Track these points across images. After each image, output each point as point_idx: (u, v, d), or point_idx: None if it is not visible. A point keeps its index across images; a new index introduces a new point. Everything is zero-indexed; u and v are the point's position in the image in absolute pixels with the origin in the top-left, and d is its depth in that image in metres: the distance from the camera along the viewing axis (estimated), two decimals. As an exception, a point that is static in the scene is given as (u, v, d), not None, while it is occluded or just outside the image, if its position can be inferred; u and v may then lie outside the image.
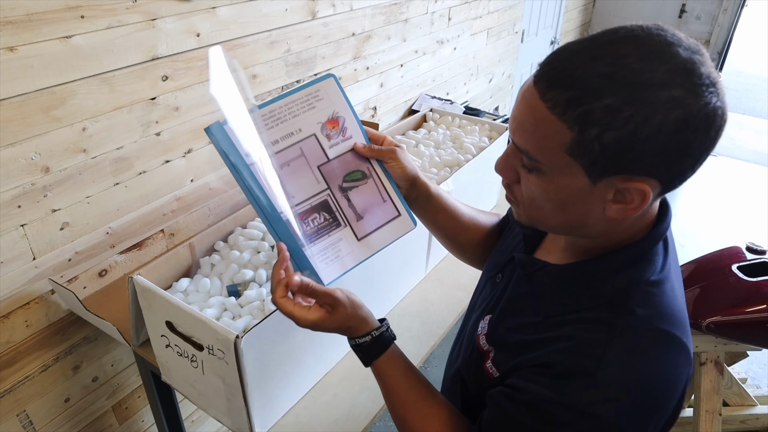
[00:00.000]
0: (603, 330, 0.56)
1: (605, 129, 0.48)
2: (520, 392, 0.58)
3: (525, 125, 0.53)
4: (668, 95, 0.46)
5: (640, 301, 0.57)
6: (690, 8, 3.72)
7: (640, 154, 0.48)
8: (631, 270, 0.58)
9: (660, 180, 0.51)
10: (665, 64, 0.47)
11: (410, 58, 1.96)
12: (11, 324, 1.03)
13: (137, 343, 1.06)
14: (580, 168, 0.51)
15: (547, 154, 0.52)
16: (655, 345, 0.55)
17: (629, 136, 0.47)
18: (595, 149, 0.49)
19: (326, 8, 1.47)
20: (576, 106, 0.48)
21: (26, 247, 1.00)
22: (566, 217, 0.57)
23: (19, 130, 0.92)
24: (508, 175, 0.60)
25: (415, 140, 1.63)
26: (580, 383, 0.54)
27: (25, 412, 1.11)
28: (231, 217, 1.24)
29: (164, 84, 1.12)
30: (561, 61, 0.50)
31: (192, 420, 1.51)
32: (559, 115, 0.49)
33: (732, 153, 4.14)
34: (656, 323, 0.56)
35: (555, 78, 0.50)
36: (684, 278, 1.69)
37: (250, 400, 0.88)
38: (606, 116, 0.47)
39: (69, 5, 0.92)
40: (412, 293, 1.33)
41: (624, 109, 0.47)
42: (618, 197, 0.53)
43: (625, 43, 0.48)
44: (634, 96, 0.46)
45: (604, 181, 0.52)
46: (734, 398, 1.89)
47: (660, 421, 0.57)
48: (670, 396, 0.56)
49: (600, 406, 0.53)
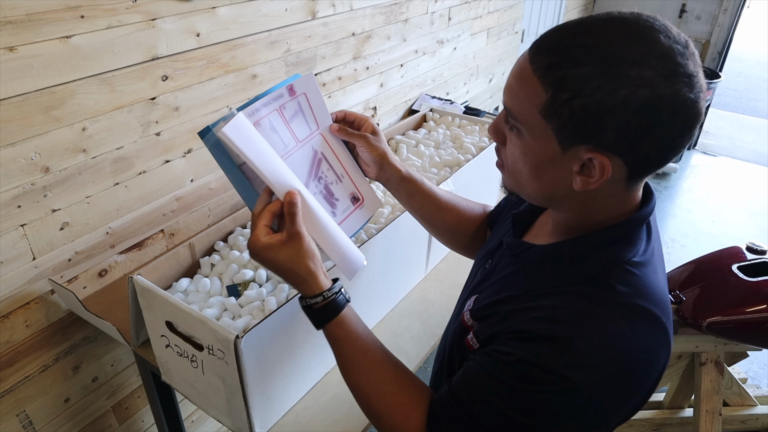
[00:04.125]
0: (583, 301, 0.58)
1: (575, 95, 0.51)
2: (497, 353, 0.60)
3: (512, 85, 0.58)
4: (638, 73, 0.49)
5: (621, 279, 0.59)
6: (690, 8, 3.72)
7: (604, 124, 0.51)
8: (612, 249, 0.61)
9: (624, 159, 0.54)
10: (643, 46, 0.50)
11: (410, 58, 1.96)
12: (11, 324, 1.03)
13: (137, 343, 1.06)
14: (552, 133, 0.55)
15: (525, 114, 0.56)
16: (633, 319, 0.57)
17: (595, 105, 0.51)
18: (564, 113, 0.53)
19: (326, 8, 1.47)
20: (554, 70, 0.52)
21: (26, 247, 1.00)
22: (539, 184, 0.61)
23: (19, 130, 0.92)
24: (497, 137, 0.64)
25: (415, 140, 1.63)
26: (557, 347, 0.56)
27: (25, 412, 1.11)
28: (231, 217, 1.24)
29: (164, 84, 1.12)
30: (556, 31, 0.55)
31: (192, 420, 1.51)
32: (539, 77, 0.53)
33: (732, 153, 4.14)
34: (636, 300, 0.58)
35: (544, 45, 0.54)
36: (684, 278, 1.70)
37: (250, 400, 0.88)
38: (578, 83, 0.51)
39: (69, 5, 0.92)
40: (412, 293, 1.33)
41: (594, 79, 0.50)
42: (584, 170, 0.56)
43: (614, 23, 0.52)
44: (606, 68, 0.50)
45: (572, 150, 0.55)
46: (734, 398, 1.89)
47: (633, 397, 0.59)
48: (645, 373, 0.58)
49: (574, 371, 0.54)
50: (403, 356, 1.14)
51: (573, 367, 0.55)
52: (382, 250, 1.12)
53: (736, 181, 3.76)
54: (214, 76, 1.22)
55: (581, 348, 0.55)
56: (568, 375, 0.54)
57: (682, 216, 3.31)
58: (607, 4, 3.96)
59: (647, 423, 1.89)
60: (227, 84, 1.26)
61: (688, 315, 1.56)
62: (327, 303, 0.71)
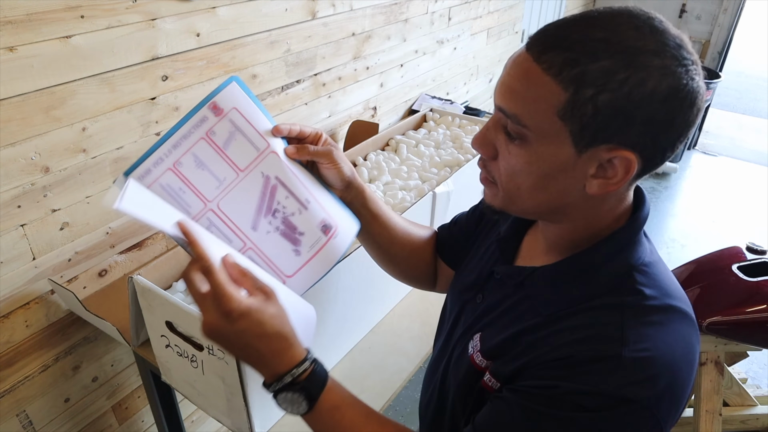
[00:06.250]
0: (615, 312, 0.54)
1: (601, 90, 0.48)
2: (536, 388, 0.53)
3: (516, 89, 0.52)
4: (661, 63, 0.47)
5: (644, 282, 0.56)
6: (690, 8, 3.72)
7: (632, 119, 0.49)
8: (624, 255, 0.57)
9: (642, 154, 0.51)
10: (657, 36, 0.48)
11: (410, 58, 1.96)
12: (11, 324, 1.03)
13: (137, 343, 1.06)
14: (568, 135, 0.51)
15: (537, 118, 0.51)
16: (670, 320, 0.54)
17: (623, 98, 0.48)
18: (588, 111, 0.49)
19: (326, 8, 1.47)
20: (572, 66, 0.48)
21: (26, 247, 1.00)
22: (545, 196, 0.55)
23: (19, 130, 0.92)
24: (487, 151, 0.57)
25: (415, 140, 1.63)
26: (607, 367, 0.51)
27: (25, 412, 1.11)
28: (231, 217, 1.24)
29: (164, 84, 1.12)
30: (557, 27, 0.51)
31: (192, 420, 1.51)
32: (554, 76, 0.49)
33: (732, 153, 4.13)
34: (666, 300, 0.55)
35: (551, 41, 0.50)
36: (684, 278, 1.70)
37: (250, 400, 0.88)
38: (602, 77, 0.47)
39: (69, 5, 0.92)
40: (412, 293, 1.33)
41: (620, 71, 0.47)
42: (600, 171, 0.52)
43: (620, 15, 0.50)
44: (630, 59, 0.47)
45: (589, 153, 0.51)
46: (734, 398, 1.89)
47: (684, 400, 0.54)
48: (691, 373, 0.54)
49: (631, 389, 0.50)
50: (402, 356, 1.14)
51: (629, 385, 0.50)
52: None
53: (736, 181, 3.75)
54: (214, 76, 1.22)
55: (632, 363, 0.51)
56: (627, 395, 0.50)
57: (682, 216, 3.31)
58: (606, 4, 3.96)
59: (647, 423, 1.89)
60: (227, 84, 1.26)
61: (688, 315, 1.56)
62: (315, 365, 0.58)
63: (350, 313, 1.11)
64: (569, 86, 0.49)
